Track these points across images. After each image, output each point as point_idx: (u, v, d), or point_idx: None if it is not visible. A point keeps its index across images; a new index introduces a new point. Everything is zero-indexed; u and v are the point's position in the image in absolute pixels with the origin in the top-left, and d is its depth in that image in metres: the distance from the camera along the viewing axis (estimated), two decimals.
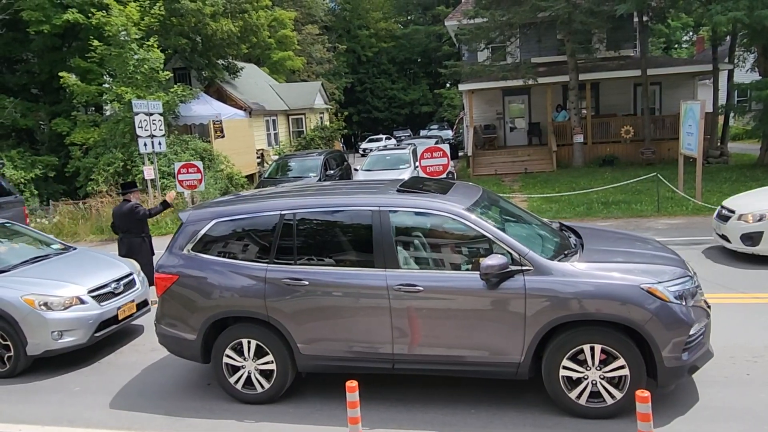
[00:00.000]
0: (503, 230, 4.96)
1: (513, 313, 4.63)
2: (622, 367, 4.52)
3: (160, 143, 15.45)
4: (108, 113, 19.82)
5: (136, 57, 17.72)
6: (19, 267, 7.14)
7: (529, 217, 5.92)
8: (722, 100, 21.44)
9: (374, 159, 18.38)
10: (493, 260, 4.56)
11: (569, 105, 21.40)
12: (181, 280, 5.39)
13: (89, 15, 18.05)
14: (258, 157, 25.21)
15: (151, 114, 15.14)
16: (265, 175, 18.41)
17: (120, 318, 7.03)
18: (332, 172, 18.14)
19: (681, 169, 14.14)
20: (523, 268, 4.63)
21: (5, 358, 6.53)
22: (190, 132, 21.64)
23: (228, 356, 5.30)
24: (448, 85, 53.10)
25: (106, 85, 19.34)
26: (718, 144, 21.11)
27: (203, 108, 22.01)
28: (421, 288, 4.80)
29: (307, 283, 5.05)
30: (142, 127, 14.82)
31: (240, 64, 27.75)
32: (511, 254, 4.68)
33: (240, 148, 22.25)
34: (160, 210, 9.18)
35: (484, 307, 4.71)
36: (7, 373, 6.51)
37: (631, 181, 14.67)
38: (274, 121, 29.65)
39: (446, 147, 14.26)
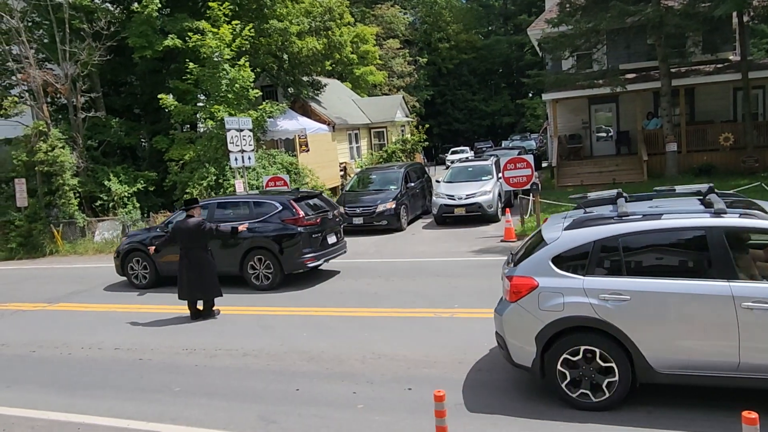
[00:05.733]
0: None
1: None
2: None
3: (249, 158, 16.12)
4: (202, 130, 20.96)
5: (228, 77, 18.68)
6: None
7: None
8: None
9: (456, 171, 18.20)
10: None
11: (661, 112, 20.39)
12: None
13: (186, 39, 19.25)
14: (341, 170, 25.76)
15: (242, 130, 15.84)
16: (347, 188, 18.78)
17: None
18: (413, 184, 18.22)
19: None
20: None
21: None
22: (276, 146, 22.50)
23: None
24: (530, 94, 52.11)
25: (201, 104, 20.50)
26: None
27: (289, 123, 22.83)
28: None
29: None
30: (233, 143, 15.52)
31: (323, 80, 28.55)
32: None
33: (324, 162, 22.85)
34: (227, 233, 9.55)
35: None
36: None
37: (732, 191, 13.74)
38: (356, 134, 30.26)
39: (530, 157, 14.00)
